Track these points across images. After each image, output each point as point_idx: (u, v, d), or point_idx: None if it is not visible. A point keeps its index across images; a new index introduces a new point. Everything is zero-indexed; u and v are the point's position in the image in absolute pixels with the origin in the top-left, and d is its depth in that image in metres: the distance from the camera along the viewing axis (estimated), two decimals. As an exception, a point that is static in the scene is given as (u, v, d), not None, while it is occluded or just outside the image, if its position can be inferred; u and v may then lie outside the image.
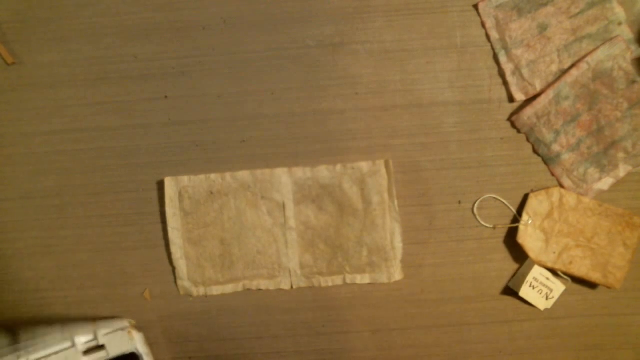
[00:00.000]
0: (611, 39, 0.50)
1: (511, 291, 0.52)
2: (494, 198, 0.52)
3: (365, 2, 0.51)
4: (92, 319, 0.51)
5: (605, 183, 0.51)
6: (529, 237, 0.51)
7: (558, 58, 0.51)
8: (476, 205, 0.52)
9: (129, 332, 0.48)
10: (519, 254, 0.52)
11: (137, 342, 0.48)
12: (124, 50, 0.51)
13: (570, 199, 0.51)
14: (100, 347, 0.47)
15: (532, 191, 0.52)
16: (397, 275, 0.52)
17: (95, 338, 0.48)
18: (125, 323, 0.49)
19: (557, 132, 0.51)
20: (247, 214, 0.51)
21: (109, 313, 0.52)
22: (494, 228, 0.52)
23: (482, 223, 0.52)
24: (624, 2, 0.50)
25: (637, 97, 0.50)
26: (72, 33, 0.51)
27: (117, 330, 0.48)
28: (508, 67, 0.51)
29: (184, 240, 0.51)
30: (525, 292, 0.51)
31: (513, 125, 0.51)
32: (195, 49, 0.51)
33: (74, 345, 0.48)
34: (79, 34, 0.51)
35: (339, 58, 0.51)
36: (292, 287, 0.52)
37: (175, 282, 0.52)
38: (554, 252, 0.51)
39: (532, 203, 0.51)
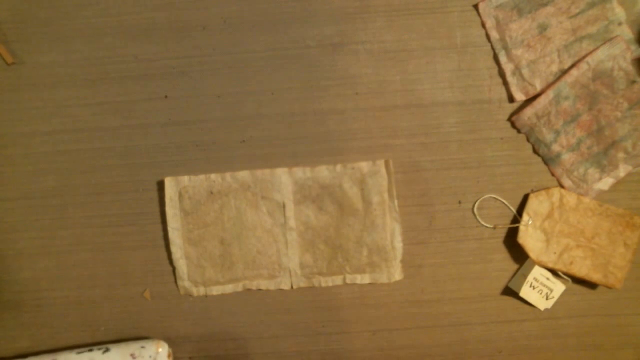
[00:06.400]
0: (611, 39, 0.50)
1: (511, 291, 0.52)
2: (494, 198, 0.52)
3: (365, 2, 0.51)
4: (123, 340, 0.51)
5: (605, 183, 0.51)
6: (530, 237, 0.51)
7: (558, 58, 0.51)
8: (476, 205, 0.52)
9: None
10: (519, 254, 0.52)
11: None
12: (124, 50, 0.51)
13: (571, 199, 0.51)
14: None
15: (532, 191, 0.52)
16: (397, 275, 0.52)
17: None
18: (160, 348, 0.49)
19: (557, 132, 0.51)
20: (247, 214, 0.51)
21: (109, 313, 0.52)
22: (494, 228, 0.52)
23: (482, 223, 0.52)
24: (624, 2, 0.51)
25: (637, 97, 0.50)
26: (72, 33, 0.51)
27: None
28: (508, 67, 0.51)
29: (184, 240, 0.51)
30: (525, 292, 0.51)
31: (513, 125, 0.51)
32: (195, 49, 0.51)
33: None
34: (79, 34, 0.51)
35: (339, 58, 0.51)
36: (292, 287, 0.52)
37: (175, 282, 0.52)
38: (555, 253, 0.51)
39: (532, 203, 0.51)
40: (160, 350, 0.48)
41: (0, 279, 0.52)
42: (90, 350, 0.48)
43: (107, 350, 0.48)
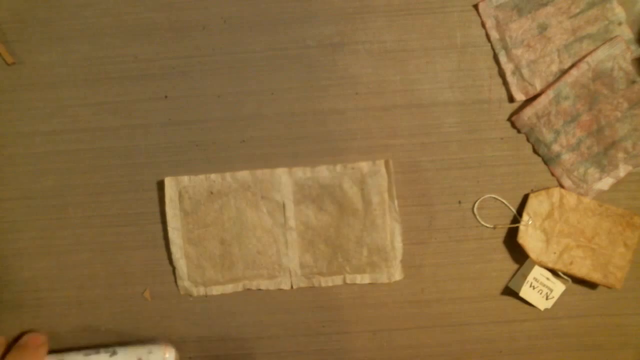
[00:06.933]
0: (611, 39, 0.50)
1: (511, 291, 0.52)
2: (494, 198, 0.52)
3: (365, 2, 0.51)
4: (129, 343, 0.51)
5: (605, 183, 0.51)
6: (530, 238, 0.51)
7: (558, 58, 0.51)
8: (476, 205, 0.52)
9: None
10: (519, 254, 0.52)
11: None
12: (124, 50, 0.51)
13: (571, 199, 0.51)
14: None
15: (532, 191, 0.52)
16: (397, 275, 0.52)
17: None
18: (167, 353, 0.49)
19: (557, 132, 0.51)
20: (247, 214, 0.51)
21: (109, 313, 0.52)
22: (494, 228, 0.52)
23: (482, 223, 0.52)
24: (624, 2, 0.50)
25: (637, 97, 0.50)
26: (72, 33, 0.51)
27: None
28: (508, 67, 0.51)
29: (184, 240, 0.51)
30: (525, 292, 0.51)
31: (513, 125, 0.51)
32: (195, 49, 0.51)
33: None
34: (79, 34, 0.51)
35: (339, 58, 0.51)
36: (292, 287, 0.52)
37: (175, 282, 0.52)
38: (555, 253, 0.51)
39: (532, 203, 0.51)
40: (167, 355, 0.48)
41: (0, 279, 0.52)
42: (97, 352, 0.48)
43: (114, 353, 0.48)
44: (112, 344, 0.50)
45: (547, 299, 0.51)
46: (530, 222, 0.51)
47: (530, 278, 0.51)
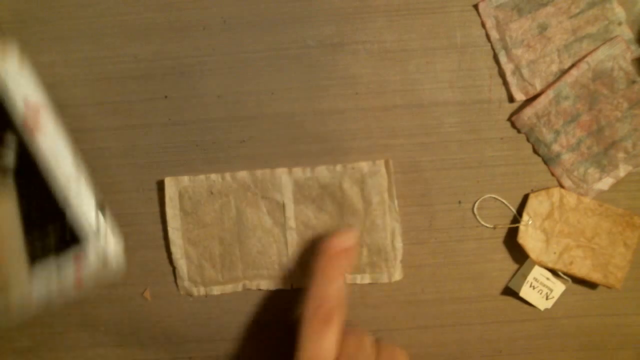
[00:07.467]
0: (611, 39, 0.50)
1: (511, 291, 0.52)
2: (494, 198, 0.52)
3: (365, 2, 0.51)
4: None
5: (605, 183, 0.51)
6: (530, 238, 0.51)
7: (558, 58, 0.51)
8: (476, 205, 0.52)
9: None
10: (519, 254, 0.52)
11: None
12: (124, 50, 0.51)
13: (571, 199, 0.51)
14: None
15: (532, 191, 0.52)
16: (397, 275, 0.52)
17: None
18: None
19: (557, 132, 0.51)
20: (247, 214, 0.51)
21: (109, 313, 0.52)
22: (494, 228, 0.52)
23: (482, 223, 0.52)
24: (624, 2, 0.51)
25: (637, 97, 0.50)
26: (72, 33, 0.51)
27: None
28: (508, 67, 0.51)
29: (184, 240, 0.51)
30: (525, 292, 0.51)
31: (513, 125, 0.51)
32: (195, 49, 0.51)
33: None
34: (79, 34, 0.51)
35: (339, 58, 0.51)
36: (292, 287, 0.52)
37: (176, 282, 0.52)
38: (555, 253, 0.51)
39: (532, 203, 0.51)
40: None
41: (0, 279, 0.52)
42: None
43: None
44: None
45: (547, 299, 0.51)
46: (530, 222, 0.51)
47: (530, 278, 0.51)
